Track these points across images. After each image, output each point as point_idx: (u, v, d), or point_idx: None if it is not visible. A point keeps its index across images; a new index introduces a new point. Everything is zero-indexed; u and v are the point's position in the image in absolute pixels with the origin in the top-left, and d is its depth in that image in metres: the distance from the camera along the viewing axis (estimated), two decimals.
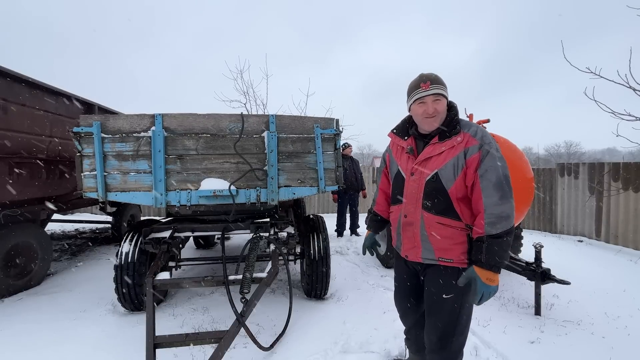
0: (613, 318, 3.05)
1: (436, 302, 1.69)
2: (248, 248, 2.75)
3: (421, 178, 1.68)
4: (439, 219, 1.64)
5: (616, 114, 3.03)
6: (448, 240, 1.63)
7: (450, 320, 1.66)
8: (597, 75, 2.97)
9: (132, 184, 2.80)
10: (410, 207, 1.72)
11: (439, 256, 1.65)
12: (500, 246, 1.49)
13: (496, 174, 1.54)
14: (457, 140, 1.61)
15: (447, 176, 1.61)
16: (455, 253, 1.63)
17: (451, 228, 1.63)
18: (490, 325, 2.88)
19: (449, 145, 1.62)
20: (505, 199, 1.52)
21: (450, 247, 1.63)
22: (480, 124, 4.61)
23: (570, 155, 36.30)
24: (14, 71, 3.48)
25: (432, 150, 1.67)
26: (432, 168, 1.65)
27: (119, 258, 3.01)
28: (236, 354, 2.45)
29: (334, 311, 3.16)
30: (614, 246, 5.71)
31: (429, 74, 1.68)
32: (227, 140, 2.86)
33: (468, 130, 1.63)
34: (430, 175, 1.65)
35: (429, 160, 1.67)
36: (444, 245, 1.64)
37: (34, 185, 3.85)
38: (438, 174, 1.63)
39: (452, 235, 1.63)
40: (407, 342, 2.11)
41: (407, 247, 1.77)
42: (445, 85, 1.67)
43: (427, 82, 1.64)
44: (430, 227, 1.66)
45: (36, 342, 2.63)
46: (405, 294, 1.94)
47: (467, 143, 1.59)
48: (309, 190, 3.03)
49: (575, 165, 6.66)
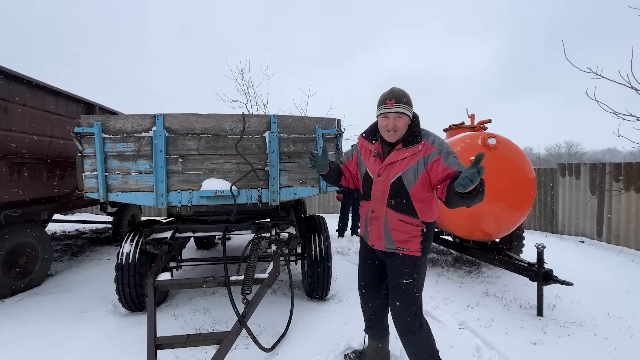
0: (616, 319, 3.04)
1: (398, 288, 1.94)
2: (249, 248, 2.75)
3: (387, 179, 1.91)
4: (399, 216, 1.90)
5: (617, 114, 3.03)
6: (406, 234, 1.90)
7: (413, 301, 1.93)
8: (598, 76, 2.96)
9: (133, 184, 2.79)
10: (376, 204, 1.97)
11: (398, 246, 1.92)
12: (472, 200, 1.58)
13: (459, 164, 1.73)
14: (418, 148, 1.84)
15: (409, 179, 1.85)
16: (411, 244, 1.90)
17: (409, 224, 1.89)
18: (493, 326, 2.87)
19: (411, 152, 1.85)
20: None
21: (407, 240, 1.90)
22: (482, 124, 4.61)
23: (570, 155, 36.24)
24: (15, 71, 3.48)
25: (396, 155, 1.89)
26: (396, 172, 1.88)
27: (119, 258, 3.00)
28: (237, 355, 2.44)
29: (335, 312, 3.15)
30: (615, 247, 5.70)
31: (397, 92, 1.86)
32: (229, 141, 2.85)
33: (427, 140, 1.85)
34: (395, 177, 1.88)
35: (394, 164, 1.90)
36: (402, 237, 1.91)
37: (35, 185, 3.85)
38: (401, 177, 1.87)
39: (409, 231, 1.89)
40: (368, 331, 2.29)
41: (373, 237, 2.03)
42: (409, 104, 1.87)
43: (392, 99, 1.83)
44: (392, 223, 1.92)
45: (37, 342, 2.63)
46: (369, 276, 2.18)
47: (426, 150, 1.82)
48: (310, 191, 3.02)
49: (576, 165, 6.65)
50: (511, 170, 3.70)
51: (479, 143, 3.75)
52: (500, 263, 3.63)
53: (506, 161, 3.70)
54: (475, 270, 4.44)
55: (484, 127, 4.61)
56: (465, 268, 4.55)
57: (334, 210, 10.32)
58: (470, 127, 4.57)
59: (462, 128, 4.62)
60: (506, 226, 3.80)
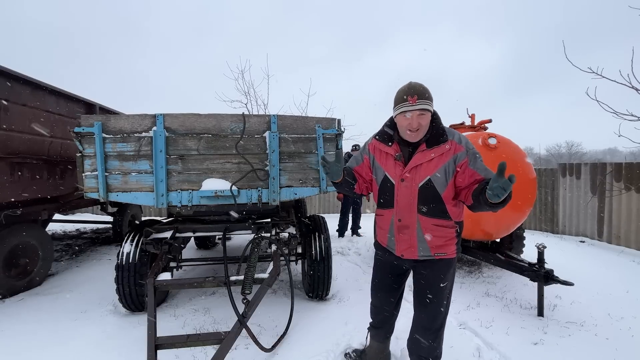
0: (616, 319, 3.03)
1: (433, 292, 1.84)
2: (249, 248, 2.75)
3: (413, 184, 1.77)
4: (434, 221, 1.78)
5: (618, 114, 3.02)
6: (443, 238, 1.79)
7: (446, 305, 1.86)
8: (599, 76, 2.95)
9: (133, 184, 2.79)
10: (404, 212, 1.81)
11: (435, 252, 1.80)
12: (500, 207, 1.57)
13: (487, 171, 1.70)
14: (446, 147, 1.72)
15: (440, 182, 1.72)
16: (448, 248, 1.80)
17: (445, 228, 1.78)
18: (493, 326, 2.86)
19: (438, 152, 1.72)
20: None
21: (444, 244, 1.79)
22: (483, 124, 4.60)
23: (571, 155, 36.20)
24: (15, 71, 3.48)
25: (421, 157, 1.75)
26: (425, 175, 1.74)
27: (120, 258, 3.00)
28: (238, 355, 2.44)
29: (335, 312, 3.15)
30: (616, 247, 5.69)
31: (417, 86, 1.70)
32: (229, 141, 2.85)
33: (454, 138, 1.75)
34: (423, 181, 1.75)
35: (419, 167, 1.75)
36: (439, 242, 1.79)
37: (35, 185, 3.85)
38: (431, 180, 1.73)
39: (445, 234, 1.79)
40: (373, 331, 2.24)
41: (402, 247, 1.87)
42: (431, 99, 1.71)
43: (414, 96, 1.67)
44: (426, 229, 1.79)
45: (37, 342, 2.63)
46: (389, 288, 2.07)
47: (455, 150, 1.72)
48: (310, 191, 3.01)
49: (577, 165, 6.64)
50: (512, 170, 3.69)
51: (480, 143, 3.74)
52: (500, 263, 3.63)
53: (506, 161, 3.69)
54: (475, 270, 4.44)
55: (485, 127, 4.61)
56: (465, 268, 4.55)
57: (334, 210, 10.32)
58: (471, 127, 4.56)
59: (463, 128, 4.61)
60: (506, 226, 3.80)
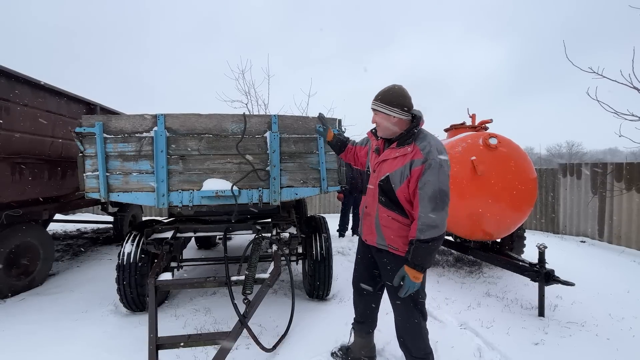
0: (617, 319, 3.03)
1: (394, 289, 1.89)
2: (250, 249, 2.75)
3: (378, 176, 1.95)
4: (389, 213, 1.91)
5: (619, 114, 3.02)
6: (395, 232, 1.89)
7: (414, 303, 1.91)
8: (599, 76, 2.95)
9: (134, 185, 2.79)
10: (369, 200, 2.03)
11: (389, 244, 1.91)
12: (426, 250, 1.72)
13: (432, 188, 1.72)
14: (407, 150, 1.83)
15: (395, 180, 1.85)
16: (399, 243, 1.88)
17: (398, 222, 1.88)
18: (494, 326, 2.86)
19: (401, 153, 1.85)
20: (436, 211, 1.71)
21: (396, 238, 1.89)
22: (483, 124, 4.60)
23: (571, 155, 36.17)
24: (16, 71, 3.48)
25: (388, 153, 1.92)
26: (385, 170, 1.90)
27: (120, 258, 3.00)
28: (239, 355, 2.45)
29: (336, 312, 3.14)
30: (617, 247, 5.69)
31: (383, 91, 1.93)
32: (230, 141, 2.85)
33: (419, 144, 1.81)
34: (383, 176, 1.91)
35: (385, 162, 1.93)
36: (392, 235, 1.90)
37: (36, 185, 3.85)
38: (389, 177, 1.88)
39: (398, 229, 1.88)
40: (357, 326, 2.32)
41: (366, 232, 2.08)
42: (387, 102, 1.88)
43: (378, 97, 1.92)
44: (382, 219, 1.93)
45: (38, 342, 2.63)
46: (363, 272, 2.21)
47: (414, 155, 1.79)
48: (311, 191, 3.01)
49: (577, 165, 6.63)
50: (512, 170, 3.69)
51: (480, 143, 3.74)
52: (501, 263, 3.63)
53: (507, 161, 3.70)
54: (476, 270, 4.44)
55: (485, 127, 4.61)
56: (466, 268, 4.55)
57: (334, 211, 10.32)
58: (472, 127, 4.56)
59: (463, 128, 4.61)
60: (507, 226, 3.80)
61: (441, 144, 1.84)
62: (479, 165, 3.60)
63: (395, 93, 1.90)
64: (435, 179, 1.72)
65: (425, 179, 1.73)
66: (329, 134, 2.58)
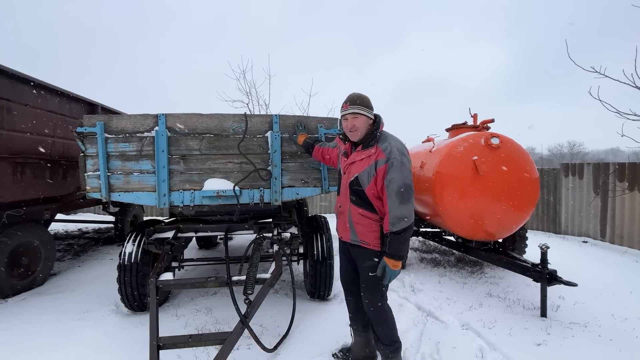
0: (620, 320, 3.02)
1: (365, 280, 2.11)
2: (251, 249, 2.74)
3: (348, 177, 2.12)
4: (360, 211, 2.07)
5: (621, 114, 3.00)
6: (366, 227, 2.05)
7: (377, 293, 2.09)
8: (602, 75, 2.94)
9: (135, 184, 2.79)
10: (342, 199, 2.19)
11: (361, 239, 2.07)
12: (400, 240, 1.90)
13: (397, 184, 1.91)
14: (372, 151, 2.01)
15: (363, 180, 2.02)
16: (370, 238, 2.04)
17: (368, 219, 2.05)
18: (496, 327, 2.85)
19: (366, 154, 2.03)
20: (403, 203, 1.90)
21: (367, 233, 2.05)
22: (485, 123, 4.59)
23: (573, 155, 36.10)
24: (17, 71, 3.48)
25: (356, 156, 2.09)
26: (354, 172, 2.07)
27: (122, 258, 3.00)
28: (240, 355, 2.44)
29: (337, 312, 3.14)
30: (619, 247, 5.66)
31: (351, 96, 2.08)
32: (231, 141, 2.85)
33: (381, 145, 1.99)
34: (352, 177, 2.07)
35: (353, 164, 2.10)
36: (363, 231, 2.06)
37: (38, 185, 3.86)
38: (357, 177, 2.05)
39: (368, 225, 2.05)
40: (353, 323, 2.37)
41: (341, 230, 2.24)
42: (364, 105, 2.05)
43: (347, 103, 2.06)
44: (354, 217, 2.09)
45: (39, 342, 2.63)
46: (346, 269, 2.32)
47: (378, 156, 1.98)
48: (312, 191, 3.01)
49: (579, 165, 6.61)
50: (514, 170, 3.68)
51: (482, 143, 3.73)
52: (503, 263, 3.61)
53: (509, 161, 3.69)
54: (478, 270, 4.43)
55: (487, 127, 4.59)
56: (468, 268, 4.53)
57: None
58: (473, 127, 4.55)
59: (465, 128, 4.59)
60: (509, 226, 3.78)
61: (402, 143, 2.05)
62: (481, 165, 3.59)
63: (366, 97, 2.09)
64: (399, 176, 1.91)
65: (390, 177, 1.92)
66: (299, 138, 2.81)
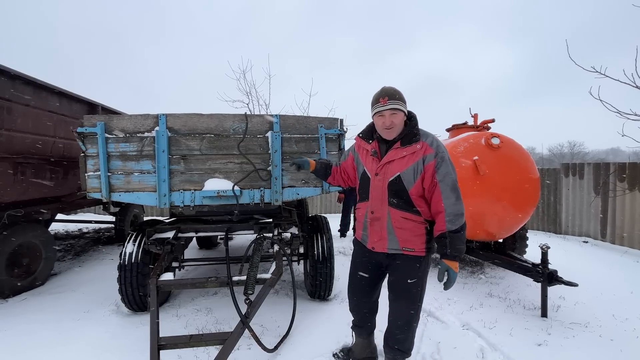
0: (621, 320, 3.01)
1: (402, 288, 1.94)
2: (252, 249, 2.74)
3: (385, 178, 1.90)
4: (403, 214, 1.88)
5: (622, 114, 3.00)
6: (410, 232, 1.88)
7: (414, 301, 1.94)
8: (602, 75, 2.93)
9: (135, 184, 2.79)
10: (376, 204, 1.94)
11: (403, 246, 1.89)
12: (460, 239, 1.78)
13: (451, 180, 1.81)
14: (417, 147, 1.85)
15: (408, 178, 1.85)
16: (416, 243, 1.88)
17: (413, 222, 1.87)
18: (497, 327, 2.85)
19: (410, 151, 1.85)
20: (459, 199, 1.81)
21: (411, 239, 1.88)
22: (486, 124, 4.59)
23: (573, 155, 36.10)
24: (17, 71, 3.48)
25: (394, 154, 1.89)
26: (395, 170, 1.88)
27: (122, 258, 3.00)
28: (240, 355, 2.44)
29: (337, 312, 3.13)
30: (619, 247, 5.65)
31: (388, 89, 1.89)
32: (231, 141, 2.85)
33: (426, 140, 1.86)
34: (393, 177, 1.88)
35: (391, 163, 1.90)
36: (407, 237, 1.88)
37: (38, 185, 3.86)
38: (400, 176, 1.87)
39: (413, 228, 1.88)
40: (356, 329, 2.30)
41: (374, 239, 1.98)
42: (402, 100, 1.88)
43: (385, 97, 1.86)
44: (395, 221, 1.89)
45: (39, 342, 2.63)
46: (363, 281, 2.13)
47: (425, 151, 1.84)
48: (312, 191, 3.01)
49: (580, 165, 6.60)
50: (515, 170, 3.68)
51: (483, 143, 3.73)
52: (503, 263, 3.61)
53: (510, 161, 3.68)
54: (478, 270, 4.42)
55: (487, 127, 4.59)
56: (468, 268, 4.53)
57: (336, 211, 10.30)
58: (473, 127, 4.55)
59: (465, 128, 4.59)
60: (509, 226, 3.78)
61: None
62: (482, 165, 3.59)
63: (397, 90, 1.90)
64: (451, 170, 1.82)
65: (443, 172, 1.80)
66: (310, 163, 2.43)
